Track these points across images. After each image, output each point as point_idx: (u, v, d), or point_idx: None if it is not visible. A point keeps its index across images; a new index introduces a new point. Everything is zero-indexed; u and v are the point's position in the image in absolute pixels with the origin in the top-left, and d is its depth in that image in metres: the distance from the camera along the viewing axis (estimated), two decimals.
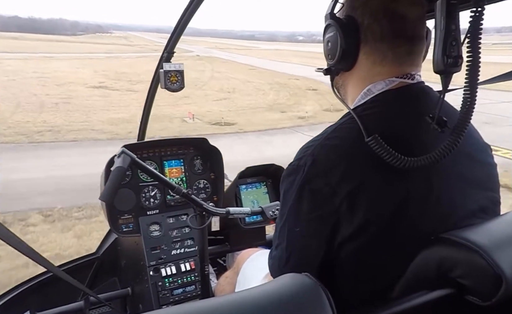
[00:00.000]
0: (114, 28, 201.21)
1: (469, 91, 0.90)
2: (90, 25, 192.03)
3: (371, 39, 1.07)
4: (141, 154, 2.40)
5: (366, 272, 0.99)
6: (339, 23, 1.09)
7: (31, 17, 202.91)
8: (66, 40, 66.67)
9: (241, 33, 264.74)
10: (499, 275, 0.79)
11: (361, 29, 1.07)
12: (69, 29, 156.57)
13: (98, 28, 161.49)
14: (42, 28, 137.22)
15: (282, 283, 0.82)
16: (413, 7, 1.06)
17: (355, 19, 1.08)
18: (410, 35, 1.07)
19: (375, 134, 0.93)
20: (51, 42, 57.26)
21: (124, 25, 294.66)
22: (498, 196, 1.12)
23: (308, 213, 1.00)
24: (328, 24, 1.13)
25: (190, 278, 2.29)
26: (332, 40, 1.11)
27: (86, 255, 2.77)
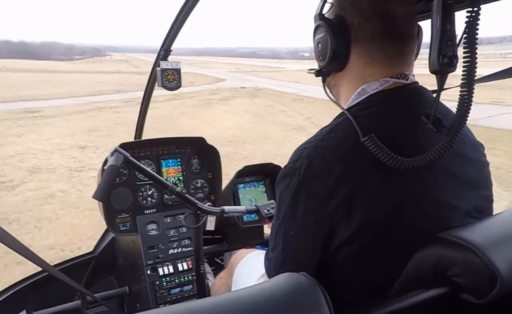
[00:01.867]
0: (111, 50, 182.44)
1: (466, 91, 0.90)
2: (87, 48, 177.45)
3: (362, 38, 1.06)
4: (138, 153, 2.40)
5: (363, 274, 0.99)
6: (328, 24, 1.09)
7: (22, 41, 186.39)
8: (60, 70, 51.33)
9: (241, 50, 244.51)
10: (494, 273, 0.79)
11: (351, 29, 1.07)
12: (64, 53, 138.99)
13: (96, 51, 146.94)
14: (34, 53, 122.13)
15: (279, 282, 0.82)
16: (403, 6, 1.05)
17: (345, 19, 1.08)
18: (400, 34, 1.07)
19: (371, 134, 0.93)
20: (42, 74, 39.75)
21: (120, 47, 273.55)
22: (491, 194, 1.13)
23: (304, 216, 1.00)
24: (318, 25, 1.13)
25: (187, 277, 2.29)
26: (322, 41, 1.11)
27: (83, 254, 2.77)
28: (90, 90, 26.16)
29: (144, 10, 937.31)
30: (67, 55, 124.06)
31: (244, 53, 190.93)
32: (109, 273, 2.77)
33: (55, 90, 25.91)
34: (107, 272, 2.77)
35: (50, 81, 32.55)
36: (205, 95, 25.77)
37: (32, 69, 49.89)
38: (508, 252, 0.85)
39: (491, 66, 1.19)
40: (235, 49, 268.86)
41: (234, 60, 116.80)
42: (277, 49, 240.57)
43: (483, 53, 57.88)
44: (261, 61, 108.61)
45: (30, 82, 31.24)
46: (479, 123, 11.65)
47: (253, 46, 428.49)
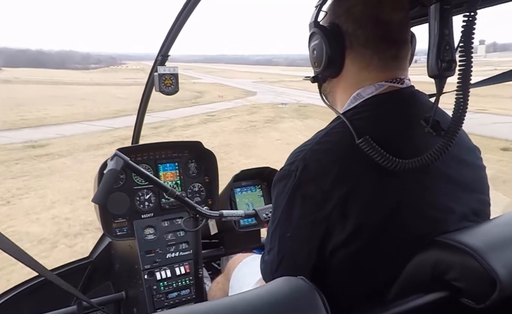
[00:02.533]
0: (126, 58, 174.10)
1: (461, 95, 0.90)
2: (102, 57, 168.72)
3: (356, 45, 1.07)
4: (135, 158, 2.40)
5: (360, 277, 0.99)
6: (323, 31, 1.10)
7: (40, 50, 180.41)
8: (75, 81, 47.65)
9: (254, 58, 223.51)
10: (493, 278, 0.79)
11: (345, 36, 1.08)
12: (80, 61, 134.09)
13: (111, 60, 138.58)
14: (51, 62, 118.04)
15: (276, 286, 0.82)
16: (396, 12, 1.06)
17: (339, 26, 1.09)
18: (394, 39, 1.08)
19: (366, 136, 0.93)
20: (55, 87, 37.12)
21: (136, 55, 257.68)
22: (488, 198, 1.14)
23: (299, 218, 1.00)
24: (313, 32, 1.14)
25: (185, 281, 2.29)
26: (318, 48, 1.12)
27: (80, 259, 2.76)
28: (108, 110, 21.84)
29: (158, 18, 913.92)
30: (82, 64, 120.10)
31: (258, 60, 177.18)
32: (106, 278, 2.76)
33: (68, 110, 22.43)
34: (103, 277, 2.75)
35: (63, 97, 28.69)
36: (243, 114, 21.17)
37: (46, 80, 46.25)
38: (507, 256, 0.85)
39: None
40: (248, 57, 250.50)
41: (252, 68, 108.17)
42: (291, 56, 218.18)
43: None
44: (280, 69, 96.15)
45: (41, 97, 27.91)
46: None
47: (266, 53, 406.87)
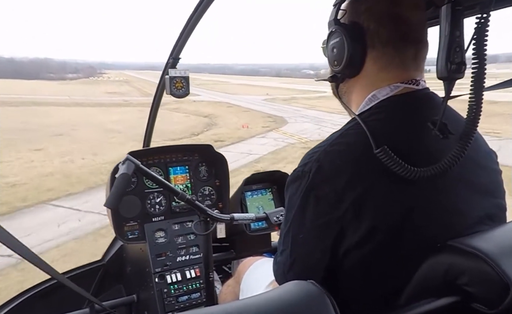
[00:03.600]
0: (105, 67, 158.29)
1: (474, 98, 0.89)
2: (80, 65, 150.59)
3: (378, 44, 1.06)
4: (147, 161, 2.41)
5: (372, 280, 0.98)
6: (345, 29, 1.09)
7: (11, 58, 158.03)
8: (50, 100, 34.55)
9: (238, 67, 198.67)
10: (506, 283, 0.78)
11: (367, 34, 1.07)
12: (56, 71, 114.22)
13: (90, 69, 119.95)
14: (24, 72, 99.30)
15: (287, 290, 0.81)
16: (416, 10, 1.06)
17: (360, 25, 1.08)
18: (415, 39, 1.07)
19: (383, 146, 0.92)
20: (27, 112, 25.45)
21: (115, 63, 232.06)
22: (504, 202, 1.12)
23: (313, 220, 0.99)
24: (333, 30, 1.13)
25: (195, 285, 2.29)
26: (338, 46, 1.10)
27: (92, 262, 2.78)
28: (96, 164, 12.54)
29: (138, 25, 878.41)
30: (58, 73, 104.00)
31: (243, 70, 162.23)
32: (117, 281, 2.78)
33: (30, 172, 11.64)
34: (115, 280, 2.77)
35: (31, 134, 17.42)
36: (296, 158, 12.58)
37: (14, 100, 32.80)
38: None
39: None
40: (232, 66, 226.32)
41: (247, 80, 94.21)
42: (276, 66, 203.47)
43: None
44: (278, 81, 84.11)
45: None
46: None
47: (249, 62, 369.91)
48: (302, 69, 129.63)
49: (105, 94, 43.82)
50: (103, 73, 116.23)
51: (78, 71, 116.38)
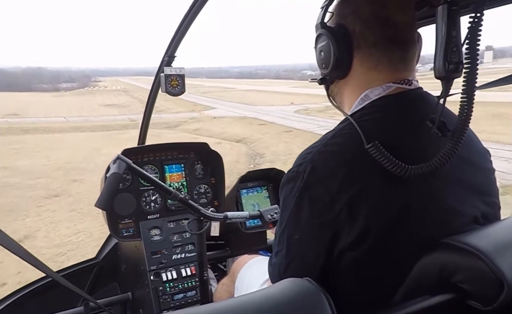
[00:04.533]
0: (100, 74, 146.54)
1: (466, 97, 0.90)
2: (74, 73, 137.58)
3: (364, 45, 1.07)
4: (142, 159, 2.40)
5: (367, 279, 0.99)
6: (330, 32, 1.10)
7: (2, 69, 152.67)
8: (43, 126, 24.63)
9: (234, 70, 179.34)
10: (501, 280, 0.79)
11: (353, 37, 1.08)
12: (50, 80, 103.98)
13: (85, 78, 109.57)
14: (16, 83, 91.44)
15: (282, 287, 0.81)
16: (403, 13, 1.07)
17: (346, 27, 1.09)
18: (402, 40, 1.08)
19: (375, 141, 0.93)
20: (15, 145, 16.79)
21: (108, 70, 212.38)
22: (498, 200, 1.13)
23: (307, 221, 1.00)
24: (320, 33, 1.14)
25: (190, 283, 2.29)
26: (325, 49, 1.11)
27: (86, 260, 2.77)
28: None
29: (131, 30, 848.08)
30: (52, 83, 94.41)
31: (241, 73, 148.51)
32: (112, 279, 2.77)
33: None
34: (110, 278, 2.77)
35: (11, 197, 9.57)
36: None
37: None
38: None
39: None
40: (227, 69, 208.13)
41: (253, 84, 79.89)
42: (274, 67, 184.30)
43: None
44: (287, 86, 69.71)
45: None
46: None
47: (245, 64, 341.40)
48: (301, 70, 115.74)
49: (104, 107, 36.97)
50: (98, 81, 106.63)
51: (72, 80, 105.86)
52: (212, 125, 24.37)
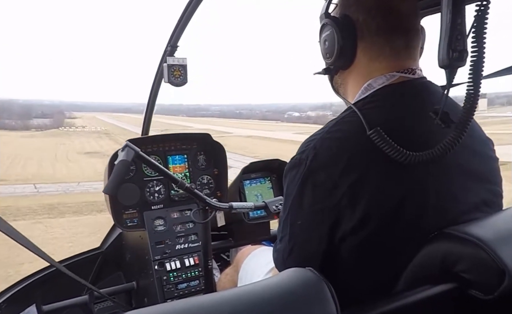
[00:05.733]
0: (75, 108, 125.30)
1: (472, 86, 0.89)
2: (46, 107, 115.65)
3: (367, 34, 1.08)
4: (145, 149, 2.41)
5: (368, 266, 0.99)
6: (334, 21, 1.11)
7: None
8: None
9: (213, 108, 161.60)
10: (502, 269, 0.79)
11: (357, 26, 1.08)
12: (19, 115, 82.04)
13: (59, 114, 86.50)
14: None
15: (285, 277, 0.82)
16: (406, 1, 1.08)
17: (350, 17, 1.10)
18: (405, 28, 1.08)
19: (376, 128, 0.93)
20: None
21: (85, 104, 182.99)
22: (500, 189, 1.12)
23: (310, 206, 1.00)
24: (324, 23, 1.15)
25: (194, 273, 2.31)
26: (329, 38, 1.12)
27: (91, 249, 2.79)
28: None
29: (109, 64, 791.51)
30: (22, 119, 75.48)
31: (222, 112, 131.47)
32: (117, 268, 2.80)
33: None
34: (114, 267, 2.79)
35: None
36: None
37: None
38: None
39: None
40: (207, 107, 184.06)
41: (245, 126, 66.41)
42: (256, 107, 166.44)
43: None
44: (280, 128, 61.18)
45: None
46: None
47: (223, 103, 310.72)
48: (285, 111, 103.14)
49: (84, 156, 27.78)
50: (73, 118, 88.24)
51: (45, 115, 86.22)
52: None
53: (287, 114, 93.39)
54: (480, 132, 1.14)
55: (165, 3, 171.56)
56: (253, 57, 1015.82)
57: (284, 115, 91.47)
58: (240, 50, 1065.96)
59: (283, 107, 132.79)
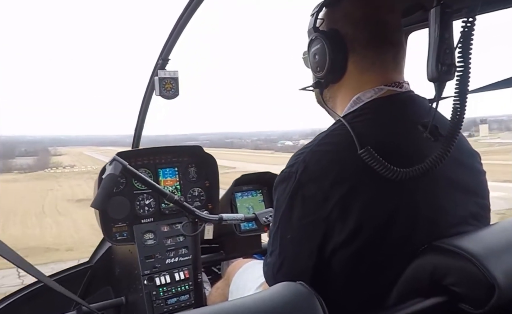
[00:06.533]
0: (58, 142, 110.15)
1: (458, 100, 0.90)
2: (30, 144, 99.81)
3: (358, 47, 1.09)
4: (135, 162, 2.40)
5: (359, 280, 0.99)
6: (325, 35, 1.12)
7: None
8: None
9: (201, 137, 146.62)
10: (492, 284, 0.79)
11: (346, 39, 1.10)
12: (1, 154, 71.89)
13: (43, 151, 76.66)
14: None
15: (276, 291, 0.81)
16: (392, 14, 1.11)
17: (338, 31, 1.11)
18: (393, 41, 1.11)
19: (367, 147, 0.93)
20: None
21: (70, 139, 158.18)
22: (488, 202, 1.13)
23: (300, 219, 1.00)
24: (313, 38, 1.16)
25: (184, 287, 2.28)
26: (320, 52, 1.13)
27: (79, 264, 2.75)
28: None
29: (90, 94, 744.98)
30: (4, 159, 66.37)
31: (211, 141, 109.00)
32: (106, 283, 2.75)
33: None
34: (103, 282, 2.75)
35: None
36: None
37: None
38: (506, 261, 0.84)
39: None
40: (194, 136, 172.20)
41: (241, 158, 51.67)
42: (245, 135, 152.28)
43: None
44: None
45: None
46: None
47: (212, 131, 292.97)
48: (276, 139, 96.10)
49: (75, 206, 22.64)
50: (58, 154, 79.16)
51: (29, 153, 76.05)
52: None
53: (279, 143, 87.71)
54: (467, 145, 1.15)
55: (147, 29, 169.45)
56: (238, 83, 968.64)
57: (277, 145, 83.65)
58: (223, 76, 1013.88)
59: (272, 135, 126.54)
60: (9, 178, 42.97)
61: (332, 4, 1.16)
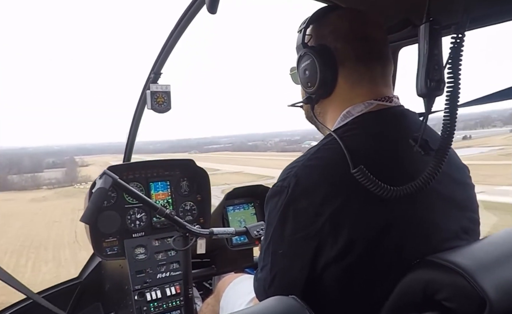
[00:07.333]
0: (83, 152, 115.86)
1: (449, 115, 0.91)
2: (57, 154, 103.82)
3: (347, 62, 1.11)
4: (127, 176, 2.38)
5: (351, 294, 0.98)
6: (314, 50, 1.13)
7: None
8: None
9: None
10: (483, 298, 0.79)
11: (336, 54, 1.11)
12: (29, 168, 72.13)
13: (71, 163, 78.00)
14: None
15: (269, 305, 0.81)
16: (379, 29, 1.13)
17: (327, 46, 1.12)
18: (380, 56, 1.13)
19: (360, 166, 0.93)
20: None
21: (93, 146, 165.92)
22: (477, 216, 1.14)
23: (291, 234, 1.00)
24: (302, 54, 1.16)
25: (175, 302, 2.25)
26: (310, 67, 1.14)
27: (69, 280, 2.71)
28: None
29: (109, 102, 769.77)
30: (32, 172, 65.90)
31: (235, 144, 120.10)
32: (96, 299, 2.71)
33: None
34: (93, 298, 2.70)
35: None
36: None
37: None
38: (497, 275, 0.85)
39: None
40: (215, 140, 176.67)
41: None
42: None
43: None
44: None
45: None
46: None
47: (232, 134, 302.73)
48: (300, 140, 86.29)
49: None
50: (85, 165, 78.44)
51: (56, 165, 76.58)
52: None
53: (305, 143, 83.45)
54: (457, 159, 1.16)
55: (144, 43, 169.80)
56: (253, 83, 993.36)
57: (301, 146, 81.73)
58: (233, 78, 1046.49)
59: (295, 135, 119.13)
60: (39, 196, 41.78)
61: (319, 20, 1.17)
